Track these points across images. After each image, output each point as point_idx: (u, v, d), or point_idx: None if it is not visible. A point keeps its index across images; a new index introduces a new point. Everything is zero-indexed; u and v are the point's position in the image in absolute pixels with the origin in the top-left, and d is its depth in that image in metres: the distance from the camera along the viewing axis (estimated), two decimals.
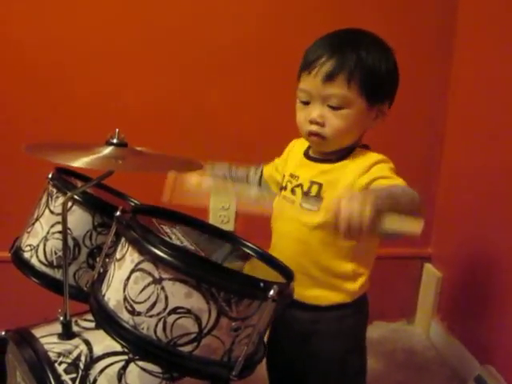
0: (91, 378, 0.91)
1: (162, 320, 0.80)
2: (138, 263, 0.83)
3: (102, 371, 0.92)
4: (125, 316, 0.83)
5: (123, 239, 0.88)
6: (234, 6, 1.66)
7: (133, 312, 0.82)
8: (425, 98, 1.83)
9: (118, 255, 0.88)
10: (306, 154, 1.12)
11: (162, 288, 0.80)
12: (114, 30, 1.61)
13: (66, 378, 0.90)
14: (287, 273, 0.95)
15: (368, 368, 1.17)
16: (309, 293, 1.06)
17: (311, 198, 1.04)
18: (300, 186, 1.07)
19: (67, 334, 0.98)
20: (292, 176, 1.10)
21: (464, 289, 1.77)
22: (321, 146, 1.06)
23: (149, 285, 0.81)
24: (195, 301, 0.79)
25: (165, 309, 0.80)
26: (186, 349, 0.81)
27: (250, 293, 0.82)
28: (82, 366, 0.92)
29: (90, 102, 1.63)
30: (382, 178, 0.97)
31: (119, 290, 0.84)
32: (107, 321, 0.84)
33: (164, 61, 1.65)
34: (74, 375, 0.91)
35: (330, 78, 0.98)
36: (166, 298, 0.80)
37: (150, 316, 0.81)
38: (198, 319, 0.80)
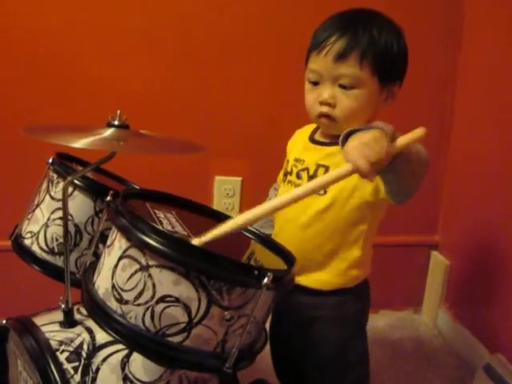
0: (94, 367, 0.89)
1: (150, 309, 0.77)
2: (126, 249, 0.80)
3: (104, 360, 0.90)
4: (113, 304, 0.80)
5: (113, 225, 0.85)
6: None
7: (121, 300, 0.79)
8: (432, 84, 1.80)
9: (108, 241, 0.86)
10: (311, 139, 1.11)
11: (150, 275, 0.77)
12: (115, 12, 1.57)
13: (67, 366, 0.89)
14: (289, 258, 0.93)
15: (375, 357, 1.16)
16: (313, 277, 1.05)
17: None
18: (306, 169, 1.05)
19: (69, 321, 0.96)
20: (297, 160, 1.09)
21: (472, 276, 1.75)
22: (331, 128, 1.04)
23: (136, 272, 0.78)
24: (184, 289, 0.76)
25: (152, 297, 0.77)
26: (176, 339, 0.78)
27: (242, 281, 0.78)
28: (84, 354, 0.90)
29: (92, 85, 1.60)
30: None
31: (108, 278, 0.82)
32: (95, 309, 0.82)
33: (167, 44, 1.62)
34: (76, 364, 0.89)
35: (341, 56, 0.96)
36: (154, 285, 0.77)
37: (138, 305, 0.78)
38: (187, 308, 0.76)
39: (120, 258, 0.81)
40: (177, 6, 1.60)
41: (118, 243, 0.82)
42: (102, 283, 0.84)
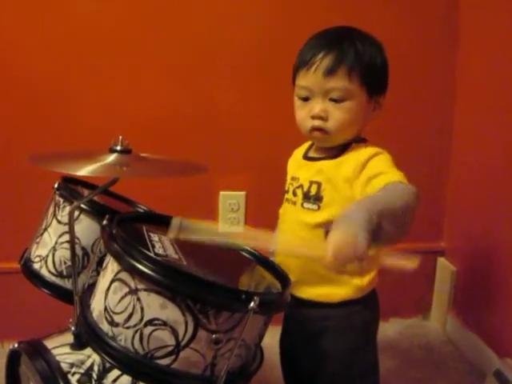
0: None
1: (139, 332, 0.79)
2: (117, 273, 0.82)
3: (115, 380, 0.91)
4: (105, 327, 0.82)
5: None
6: (241, 7, 1.65)
7: (112, 323, 0.81)
8: (432, 91, 1.80)
9: (104, 264, 0.88)
10: (305, 156, 1.14)
11: (138, 299, 0.79)
12: (116, 37, 1.60)
13: None
14: (284, 280, 0.94)
15: (385, 365, 1.16)
16: (317, 291, 1.06)
17: (311, 198, 1.04)
18: (300, 186, 1.07)
19: (79, 344, 0.98)
20: (293, 178, 1.11)
21: (479, 282, 1.74)
22: (324, 142, 1.06)
23: (126, 295, 0.80)
24: (170, 312, 0.78)
25: (141, 320, 0.79)
26: (164, 362, 0.79)
27: (229, 305, 0.79)
28: (95, 376, 0.92)
29: (93, 111, 1.62)
30: (377, 176, 0.95)
31: (101, 300, 0.84)
32: (88, 331, 0.83)
33: (168, 65, 1.64)
34: None
35: (331, 71, 0.99)
36: (142, 309, 0.79)
37: (127, 327, 0.79)
38: (174, 331, 0.78)
39: (112, 281, 0.83)
40: (178, 27, 1.62)
41: (110, 266, 0.84)
42: (96, 305, 0.86)
